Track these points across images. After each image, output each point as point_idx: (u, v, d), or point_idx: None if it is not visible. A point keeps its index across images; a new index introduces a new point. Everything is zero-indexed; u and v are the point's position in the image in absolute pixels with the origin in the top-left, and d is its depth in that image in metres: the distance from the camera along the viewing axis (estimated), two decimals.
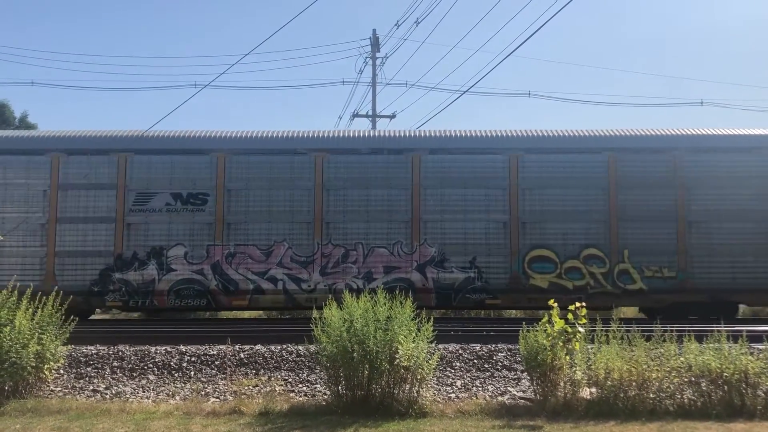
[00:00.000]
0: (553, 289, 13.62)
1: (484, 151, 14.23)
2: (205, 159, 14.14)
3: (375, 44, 28.93)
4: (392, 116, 28.94)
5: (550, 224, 13.94)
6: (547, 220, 13.95)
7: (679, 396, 6.99)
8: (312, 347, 7.55)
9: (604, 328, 7.22)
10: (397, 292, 7.38)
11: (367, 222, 13.97)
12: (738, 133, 14.55)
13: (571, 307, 7.12)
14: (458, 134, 14.56)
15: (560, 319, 7.07)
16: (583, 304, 7.19)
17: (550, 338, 6.99)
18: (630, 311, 15.95)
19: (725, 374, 6.82)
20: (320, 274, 13.83)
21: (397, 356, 6.80)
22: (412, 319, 7.17)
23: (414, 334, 7.06)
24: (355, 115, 29.76)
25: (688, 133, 14.48)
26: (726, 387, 6.85)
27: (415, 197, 14.01)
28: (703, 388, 6.94)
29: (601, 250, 13.84)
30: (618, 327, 7.17)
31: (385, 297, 7.26)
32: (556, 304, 7.21)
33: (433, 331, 7.27)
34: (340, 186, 14.10)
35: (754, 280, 13.65)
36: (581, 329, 7.03)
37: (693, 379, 6.98)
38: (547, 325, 7.11)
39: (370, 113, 28.75)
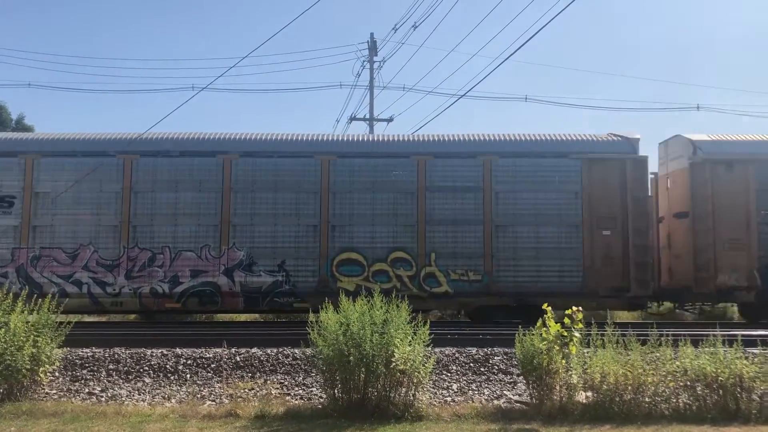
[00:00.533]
0: (360, 292, 13.60)
1: (296, 154, 14.23)
2: (13, 161, 14.02)
3: (372, 48, 28.96)
4: (390, 119, 28.96)
5: (360, 227, 13.96)
6: (356, 223, 13.97)
7: (674, 400, 7.01)
8: (308, 350, 7.54)
9: (600, 332, 7.23)
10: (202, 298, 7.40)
11: (175, 225, 13.90)
12: (545, 138, 14.69)
13: (568, 312, 7.15)
14: (270, 138, 14.55)
15: (556, 323, 7.09)
16: (580, 308, 7.20)
17: (546, 342, 7.00)
18: (628, 315, 15.96)
19: (720, 378, 6.84)
20: (125, 278, 13.67)
21: (393, 359, 6.80)
22: (409, 323, 7.17)
23: (410, 338, 7.07)
24: (353, 118, 29.76)
25: (497, 138, 14.62)
26: (721, 391, 6.87)
27: (225, 200, 13.96)
28: (699, 392, 6.96)
29: (408, 253, 13.87)
30: (613, 331, 7.19)
31: (382, 301, 7.26)
32: (549, 308, 7.23)
33: (430, 334, 7.27)
34: (149, 189, 14.01)
35: (557, 283, 13.77)
36: (577, 333, 7.04)
37: (688, 383, 7.00)
38: (543, 329, 7.12)
39: (367, 116, 28.76)
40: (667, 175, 15.51)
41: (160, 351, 9.30)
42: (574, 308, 7.16)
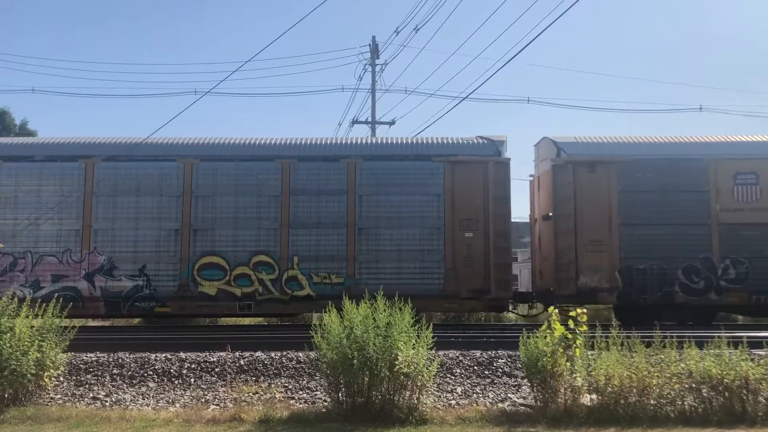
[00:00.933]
0: (222, 296, 13.83)
1: (158, 158, 14.25)
2: None
3: (374, 51, 28.98)
4: (392, 122, 28.98)
5: (222, 231, 14.01)
6: (219, 227, 14.02)
7: (679, 402, 6.98)
8: (312, 354, 7.54)
9: (604, 335, 7.22)
10: (61, 301, 7.59)
11: (38, 230, 13.91)
12: (409, 142, 14.80)
13: (572, 314, 7.13)
14: (130, 141, 14.54)
15: (561, 325, 7.07)
16: (584, 310, 7.19)
17: (550, 345, 6.98)
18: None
19: (726, 380, 6.81)
20: None
21: (396, 363, 6.79)
22: (412, 326, 7.16)
23: (414, 341, 7.06)
24: (355, 121, 29.80)
25: (361, 142, 14.73)
26: (727, 393, 6.84)
27: (87, 204, 14.00)
28: (704, 394, 6.93)
29: (271, 256, 13.91)
30: (617, 333, 7.17)
31: (386, 304, 7.26)
32: (555, 311, 7.22)
33: (433, 337, 7.27)
34: (11, 193, 14.03)
35: (419, 285, 13.79)
36: (580, 336, 7.03)
37: (694, 385, 6.97)
38: (547, 331, 7.11)
39: (369, 120, 28.78)
40: (538, 177, 15.58)
41: (164, 355, 9.31)
42: (579, 310, 7.15)
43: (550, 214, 14.40)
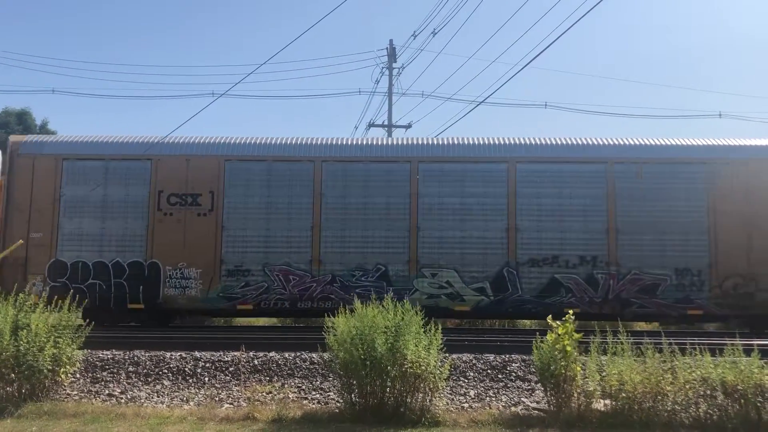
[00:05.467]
0: None
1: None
2: None
3: (392, 54, 29.02)
4: (408, 126, 28.99)
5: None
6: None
7: (694, 409, 6.93)
8: (326, 355, 7.57)
9: (616, 340, 7.18)
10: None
11: None
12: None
13: (567, 318, 7.10)
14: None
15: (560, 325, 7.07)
16: (571, 312, 7.20)
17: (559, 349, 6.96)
18: (644, 324, 15.79)
19: (740, 387, 6.75)
20: None
21: (405, 361, 6.80)
22: (422, 327, 7.18)
23: (424, 343, 7.06)
24: (371, 124, 29.85)
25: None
26: (742, 401, 6.77)
27: None
28: (719, 401, 6.87)
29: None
30: (627, 339, 7.14)
31: (394, 304, 7.29)
32: (550, 317, 7.24)
33: (446, 340, 7.27)
34: None
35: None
36: (572, 341, 7.00)
37: (708, 392, 6.92)
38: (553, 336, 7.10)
39: (386, 123, 28.83)
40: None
41: (179, 354, 9.38)
42: (570, 312, 7.17)
43: None
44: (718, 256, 13.32)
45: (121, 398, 8.09)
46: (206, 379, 8.73)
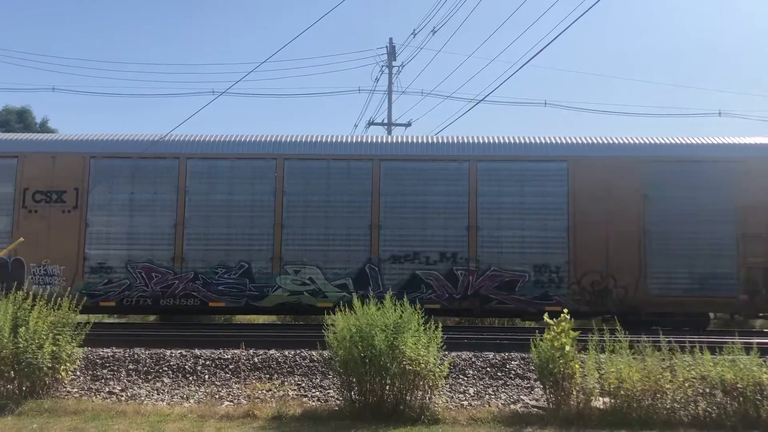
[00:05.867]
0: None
1: None
2: None
3: (391, 53, 29.01)
4: (408, 124, 28.99)
5: None
6: None
7: (693, 407, 6.95)
8: (325, 353, 7.59)
9: (614, 338, 7.20)
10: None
11: None
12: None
13: (563, 316, 7.12)
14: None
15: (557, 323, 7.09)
16: (565, 310, 7.23)
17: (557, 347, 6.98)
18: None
19: (739, 386, 6.77)
20: None
21: (404, 358, 6.82)
22: (422, 324, 7.21)
23: (422, 339, 7.07)
24: (371, 123, 29.87)
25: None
26: (741, 399, 6.79)
27: None
28: (718, 399, 6.89)
29: None
30: (624, 337, 7.16)
31: (393, 302, 7.31)
32: (546, 315, 7.25)
33: (446, 338, 7.29)
34: None
35: None
36: (570, 339, 7.03)
37: (707, 390, 6.94)
38: (554, 334, 7.11)
39: (385, 121, 28.84)
40: None
41: (179, 352, 9.40)
42: (566, 311, 7.19)
43: None
44: (577, 253, 13.49)
45: (122, 396, 8.11)
46: (206, 376, 8.74)
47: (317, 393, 8.18)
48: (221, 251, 13.64)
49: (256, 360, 9.10)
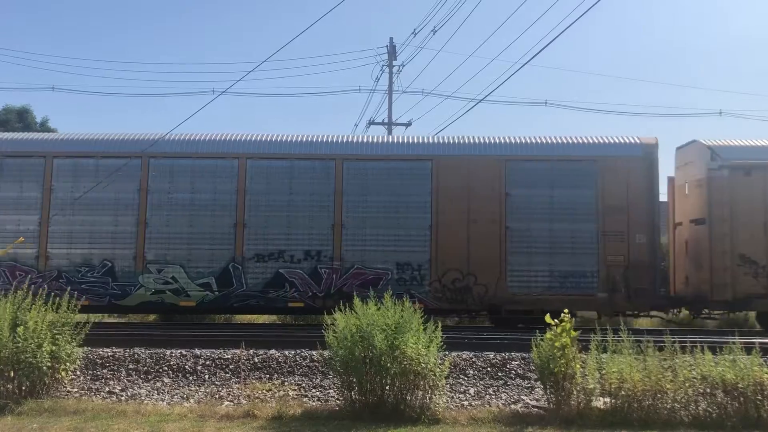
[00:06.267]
0: None
1: None
2: None
3: (392, 52, 29.00)
4: (408, 124, 28.99)
5: None
6: None
7: (693, 407, 6.94)
8: (325, 353, 7.59)
9: (615, 338, 7.19)
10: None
11: None
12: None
13: (564, 316, 7.11)
14: None
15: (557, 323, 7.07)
16: (567, 310, 7.19)
17: (558, 347, 6.96)
18: (645, 322, 15.79)
19: (740, 386, 6.76)
20: None
21: (404, 358, 6.81)
22: (422, 324, 7.20)
23: (423, 339, 7.07)
24: (371, 122, 29.87)
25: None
26: (742, 399, 6.79)
27: None
28: (719, 399, 6.89)
29: None
30: (627, 337, 7.15)
31: (394, 302, 7.30)
32: (548, 315, 7.22)
33: (446, 338, 7.28)
34: None
35: None
36: (570, 339, 7.01)
37: (708, 390, 6.93)
38: (554, 334, 7.09)
39: (386, 121, 28.82)
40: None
41: (179, 351, 9.39)
42: (566, 311, 7.18)
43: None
44: (439, 251, 13.56)
45: (122, 396, 8.10)
46: (206, 376, 8.74)
47: (317, 393, 8.17)
48: (85, 249, 13.64)
49: (256, 360, 9.09)
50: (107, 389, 8.29)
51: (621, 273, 13.38)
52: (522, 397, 8.06)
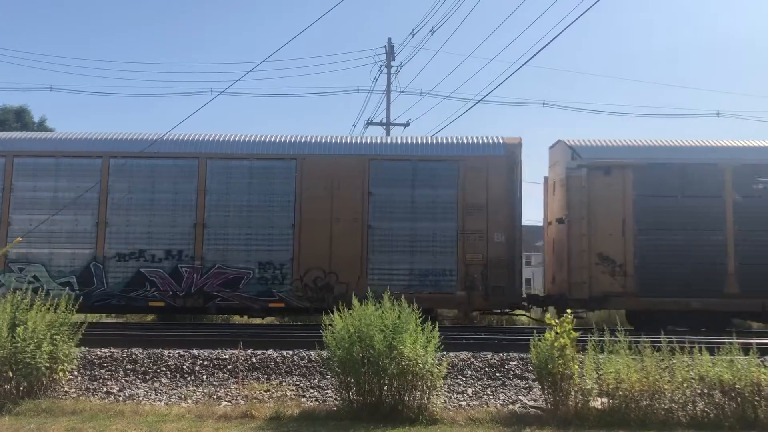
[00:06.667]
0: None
1: None
2: None
3: (390, 53, 29.03)
4: (406, 124, 28.99)
5: None
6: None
7: (691, 407, 6.95)
8: (323, 353, 7.59)
9: (613, 339, 7.21)
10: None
11: None
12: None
13: (565, 316, 7.12)
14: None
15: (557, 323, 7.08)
16: (568, 310, 7.21)
17: (557, 348, 6.97)
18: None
19: (737, 386, 6.78)
20: None
21: (402, 358, 6.81)
22: (420, 324, 7.20)
23: (420, 339, 7.07)
24: (370, 123, 29.88)
25: None
26: (739, 399, 6.80)
27: None
28: (716, 400, 6.90)
29: None
30: (625, 337, 7.16)
31: (392, 303, 7.31)
32: (549, 314, 7.22)
33: (444, 338, 7.28)
34: None
35: None
36: (570, 339, 7.01)
37: (705, 390, 6.94)
38: (553, 334, 7.10)
39: (384, 121, 28.83)
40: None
41: (177, 352, 9.38)
42: (569, 311, 7.18)
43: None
44: (302, 250, 13.65)
45: (119, 396, 8.09)
46: (204, 377, 8.73)
47: (315, 393, 8.17)
48: None
49: (254, 360, 9.09)
50: (105, 389, 8.28)
51: (480, 271, 13.51)
52: (520, 397, 8.07)
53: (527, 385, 8.43)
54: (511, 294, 13.62)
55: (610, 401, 6.93)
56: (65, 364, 8.02)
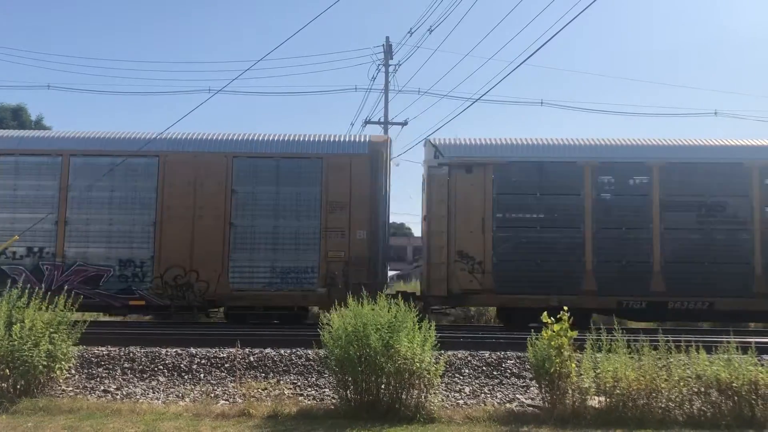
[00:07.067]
0: None
1: None
2: None
3: (388, 51, 28.99)
4: (404, 123, 28.98)
5: None
6: None
7: (688, 406, 6.96)
8: (321, 352, 7.59)
9: (610, 337, 7.21)
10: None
11: None
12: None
13: (562, 315, 7.11)
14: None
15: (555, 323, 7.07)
16: (565, 309, 7.18)
17: (554, 346, 6.97)
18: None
19: (734, 385, 6.79)
20: None
21: (399, 357, 6.82)
22: (417, 323, 7.21)
23: (417, 338, 7.07)
24: (367, 121, 29.83)
25: None
26: (736, 398, 6.81)
27: None
28: (713, 398, 6.91)
29: None
30: (622, 336, 7.17)
31: (388, 301, 7.31)
32: (545, 313, 7.20)
33: (442, 337, 7.29)
34: None
35: None
36: (567, 338, 7.02)
37: (702, 389, 6.95)
38: (551, 333, 7.10)
39: (382, 120, 28.81)
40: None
41: (174, 350, 9.38)
42: (565, 308, 7.18)
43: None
44: (162, 247, 13.64)
45: (117, 394, 8.09)
46: (202, 375, 8.73)
47: (313, 392, 8.17)
48: None
49: (251, 359, 9.09)
50: (102, 388, 8.27)
51: (341, 268, 13.55)
52: (517, 396, 8.08)
53: (525, 384, 8.44)
54: (373, 291, 13.51)
55: (608, 400, 6.94)
56: (63, 362, 8.02)
